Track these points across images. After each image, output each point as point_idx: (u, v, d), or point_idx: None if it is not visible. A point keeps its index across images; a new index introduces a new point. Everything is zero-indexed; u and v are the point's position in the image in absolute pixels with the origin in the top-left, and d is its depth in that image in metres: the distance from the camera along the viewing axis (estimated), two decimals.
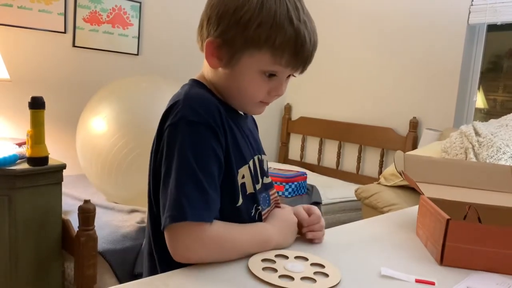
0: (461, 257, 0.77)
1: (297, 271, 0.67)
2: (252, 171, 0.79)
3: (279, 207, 0.87)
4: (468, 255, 0.77)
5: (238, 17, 0.70)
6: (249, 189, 0.77)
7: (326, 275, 0.67)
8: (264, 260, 0.70)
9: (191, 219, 0.64)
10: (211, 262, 0.68)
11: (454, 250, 0.77)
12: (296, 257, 0.73)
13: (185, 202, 0.65)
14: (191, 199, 0.65)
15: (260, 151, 0.86)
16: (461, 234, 0.77)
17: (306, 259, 0.72)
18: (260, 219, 0.80)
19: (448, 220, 0.76)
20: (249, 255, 0.71)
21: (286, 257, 0.72)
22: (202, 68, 0.82)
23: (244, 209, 0.76)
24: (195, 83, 0.80)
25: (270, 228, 0.77)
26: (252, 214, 0.78)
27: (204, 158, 0.68)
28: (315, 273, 0.67)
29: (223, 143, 0.72)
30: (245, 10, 0.70)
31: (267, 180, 0.86)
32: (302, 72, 0.77)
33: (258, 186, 0.80)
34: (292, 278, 0.65)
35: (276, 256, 0.72)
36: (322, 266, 0.70)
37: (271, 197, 0.86)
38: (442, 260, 0.78)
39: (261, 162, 0.84)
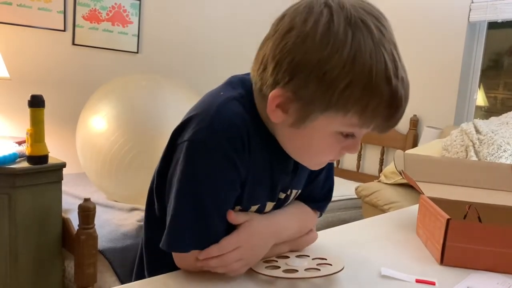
0: (461, 256, 0.77)
1: (300, 264, 0.67)
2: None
3: None
4: (469, 255, 0.77)
5: (321, 73, 0.55)
6: None
7: (330, 264, 0.67)
8: (265, 261, 0.70)
9: (189, 250, 0.63)
10: None
11: (454, 249, 0.77)
12: (297, 256, 0.73)
13: (187, 234, 0.62)
14: (195, 231, 0.62)
15: (290, 187, 0.75)
16: (462, 234, 0.77)
17: (307, 256, 0.72)
18: None
19: (448, 220, 0.76)
20: None
21: (288, 257, 0.72)
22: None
23: None
24: (239, 95, 0.66)
25: None
26: None
27: (218, 191, 0.63)
28: (318, 264, 0.67)
29: (243, 175, 0.64)
30: (332, 65, 0.55)
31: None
32: (386, 132, 0.62)
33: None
34: (296, 271, 0.65)
35: (277, 257, 0.72)
36: (324, 259, 0.70)
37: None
38: (443, 260, 0.77)
39: (284, 198, 0.75)
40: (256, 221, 0.67)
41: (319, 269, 0.65)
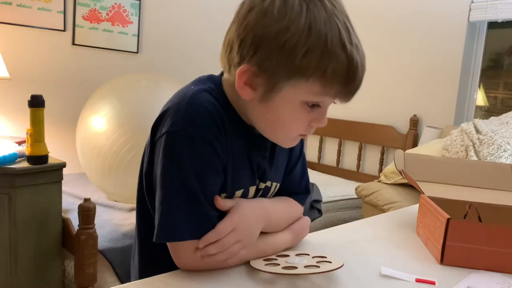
0: (461, 256, 0.77)
1: (300, 262, 0.67)
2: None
3: None
4: (469, 254, 0.76)
5: (281, 42, 0.60)
6: None
7: (329, 262, 0.67)
8: (265, 259, 0.70)
9: (185, 239, 0.64)
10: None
11: (454, 249, 0.77)
12: (297, 254, 0.73)
13: (180, 222, 0.63)
14: (188, 219, 0.63)
15: (269, 178, 0.78)
16: (462, 233, 0.77)
17: (307, 254, 0.72)
18: None
19: (448, 220, 0.76)
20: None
21: (287, 256, 0.72)
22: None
23: None
24: (209, 88, 0.69)
25: None
26: None
27: (204, 177, 0.64)
28: (317, 262, 0.67)
29: (223, 160, 0.67)
30: (290, 34, 0.60)
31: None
32: (348, 100, 0.67)
33: None
34: (296, 268, 0.65)
35: (277, 255, 0.72)
36: (324, 257, 0.70)
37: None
38: (443, 260, 0.77)
39: (264, 190, 0.78)
40: (244, 204, 0.70)
41: (318, 266, 0.65)
